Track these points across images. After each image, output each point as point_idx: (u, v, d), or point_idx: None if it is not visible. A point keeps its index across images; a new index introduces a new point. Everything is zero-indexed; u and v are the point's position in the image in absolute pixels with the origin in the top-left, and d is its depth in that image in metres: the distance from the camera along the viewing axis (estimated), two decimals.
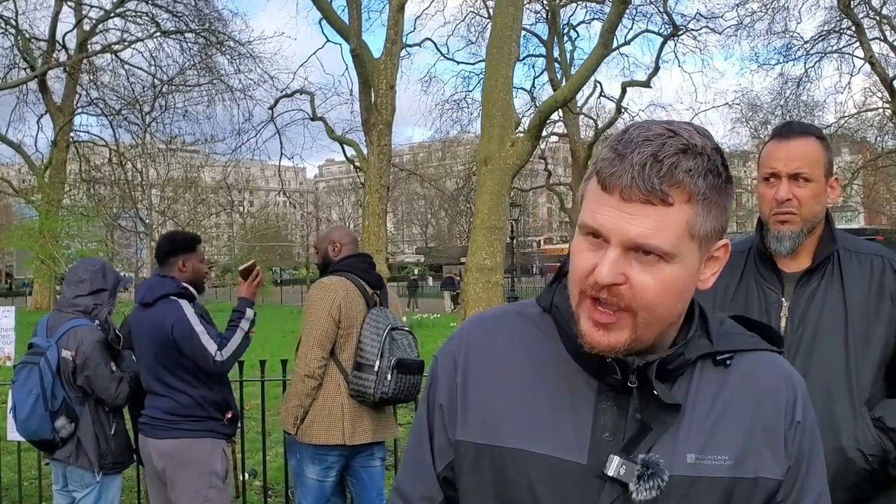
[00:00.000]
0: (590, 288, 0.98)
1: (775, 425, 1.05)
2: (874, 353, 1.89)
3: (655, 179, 0.94)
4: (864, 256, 1.97)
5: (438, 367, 1.14)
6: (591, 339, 0.99)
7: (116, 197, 31.20)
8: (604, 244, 0.97)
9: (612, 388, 1.03)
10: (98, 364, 3.58)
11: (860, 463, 1.84)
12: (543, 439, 1.02)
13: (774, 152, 1.96)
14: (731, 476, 1.01)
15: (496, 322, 1.14)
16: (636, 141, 0.96)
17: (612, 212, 0.95)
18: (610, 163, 0.97)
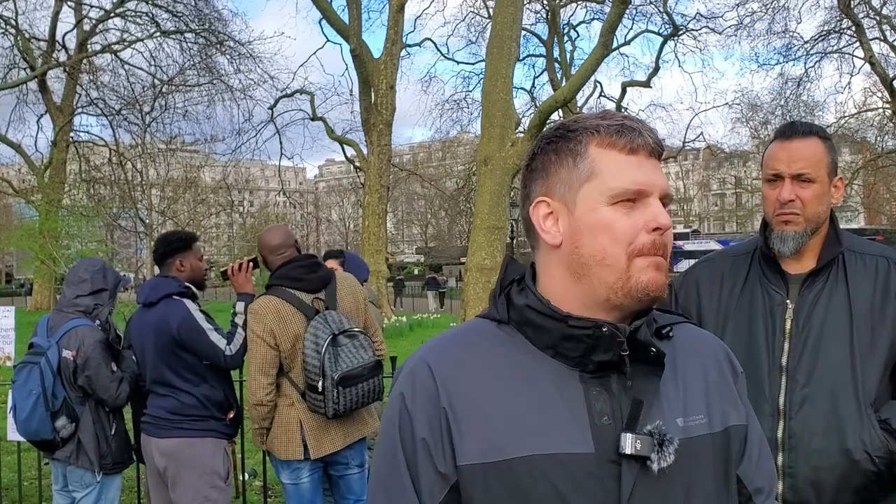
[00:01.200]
0: (653, 241, 1.06)
1: (725, 381, 1.19)
2: (880, 355, 1.88)
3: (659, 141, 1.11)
4: (870, 258, 1.97)
5: (407, 403, 1.10)
6: (658, 283, 1.07)
7: (116, 197, 31.19)
8: (643, 199, 1.07)
9: (594, 373, 1.07)
10: (99, 364, 3.58)
11: (866, 465, 1.83)
12: (547, 440, 1.03)
13: (777, 153, 1.95)
14: (710, 432, 1.12)
15: (458, 346, 1.14)
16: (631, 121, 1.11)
17: (648, 170, 1.08)
18: (623, 132, 1.08)
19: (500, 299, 1.15)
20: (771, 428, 1.88)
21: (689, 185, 67.91)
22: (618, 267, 1.06)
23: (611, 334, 1.06)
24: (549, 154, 1.12)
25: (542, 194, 1.12)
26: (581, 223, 1.08)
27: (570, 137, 1.11)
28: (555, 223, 1.11)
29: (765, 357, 1.93)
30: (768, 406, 1.90)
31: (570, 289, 1.10)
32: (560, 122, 1.16)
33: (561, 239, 1.10)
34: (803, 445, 1.86)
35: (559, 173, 1.11)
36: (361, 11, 20.51)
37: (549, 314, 1.08)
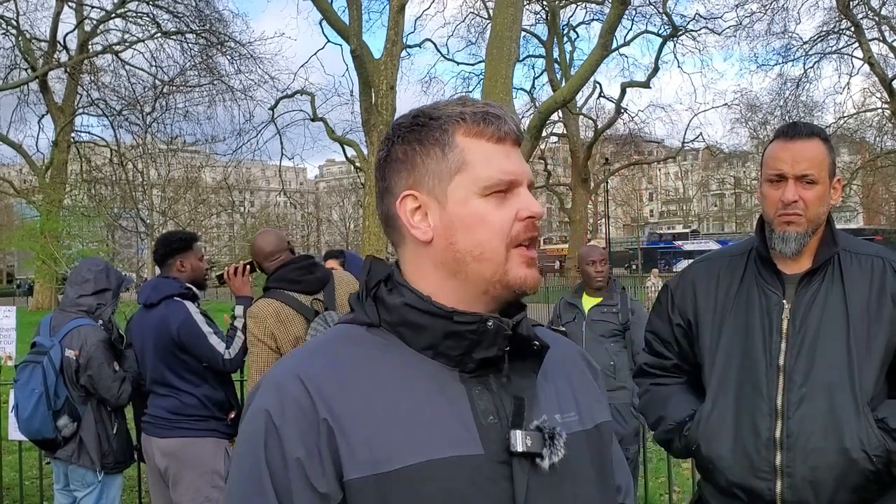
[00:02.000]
0: (526, 226, 1.06)
1: (588, 380, 1.19)
2: (876, 355, 1.89)
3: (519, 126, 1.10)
4: (865, 258, 1.97)
5: (275, 420, 0.98)
6: (534, 281, 1.06)
7: (117, 197, 31.16)
8: (514, 189, 1.06)
9: (474, 371, 1.03)
10: (101, 364, 3.60)
11: (864, 464, 1.84)
12: (438, 444, 0.98)
13: (780, 153, 1.94)
14: (583, 429, 1.11)
15: (329, 355, 1.05)
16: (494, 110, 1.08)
17: (515, 159, 1.07)
18: (490, 120, 1.06)
19: (367, 301, 1.08)
20: (769, 427, 1.89)
21: (689, 185, 67.89)
22: (496, 260, 1.04)
23: (496, 329, 1.02)
24: (411, 144, 1.06)
25: (408, 187, 1.06)
26: (454, 217, 1.04)
27: (435, 126, 1.05)
28: (424, 218, 1.05)
29: (762, 357, 1.93)
30: (766, 406, 1.90)
31: (444, 285, 1.05)
32: (417, 109, 1.09)
33: (432, 234, 1.05)
34: (801, 445, 1.86)
35: (426, 164, 1.05)
36: (362, 12, 20.51)
37: (432, 311, 1.03)
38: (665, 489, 5.27)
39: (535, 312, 21.33)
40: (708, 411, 1.99)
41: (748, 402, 1.93)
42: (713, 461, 1.96)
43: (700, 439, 1.98)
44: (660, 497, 5.38)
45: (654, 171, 69.54)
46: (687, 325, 2.09)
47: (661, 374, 2.17)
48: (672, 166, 64.18)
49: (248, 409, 1.04)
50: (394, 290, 1.07)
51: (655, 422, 2.14)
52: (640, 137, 40.76)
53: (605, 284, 4.47)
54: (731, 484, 1.93)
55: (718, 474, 1.95)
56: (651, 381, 2.19)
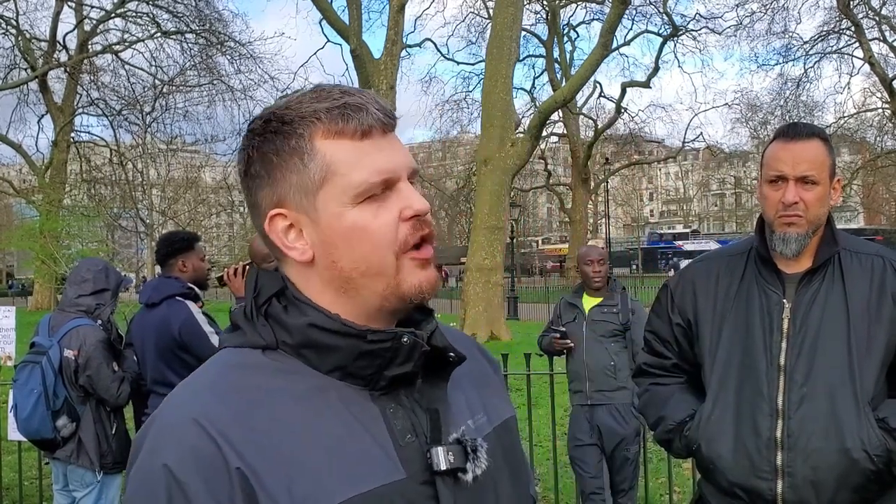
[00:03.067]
0: (413, 225, 0.95)
1: (489, 376, 1.14)
2: (877, 354, 1.89)
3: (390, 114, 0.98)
4: (865, 257, 1.97)
5: (177, 475, 0.85)
6: (430, 282, 0.97)
7: (117, 197, 31.18)
8: (392, 186, 0.95)
9: (384, 389, 0.95)
10: (100, 364, 3.60)
11: (865, 463, 1.84)
12: (360, 477, 0.90)
13: (780, 154, 1.94)
14: (492, 428, 1.06)
15: (227, 392, 0.92)
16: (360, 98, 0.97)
17: (388, 152, 0.96)
18: (349, 115, 0.95)
19: (259, 320, 0.96)
20: (770, 427, 1.89)
21: (689, 185, 67.89)
22: (386, 273, 0.94)
23: (412, 344, 0.94)
24: (267, 155, 0.95)
25: (274, 205, 0.96)
26: (330, 233, 0.94)
27: (289, 132, 0.94)
28: (299, 236, 0.96)
29: (762, 356, 1.93)
30: (767, 405, 1.90)
31: (337, 304, 0.96)
32: (269, 110, 0.97)
33: (312, 253, 0.95)
34: (802, 445, 1.86)
35: (288, 178, 0.94)
36: (361, 12, 20.53)
37: (343, 331, 0.93)
38: (665, 489, 5.27)
39: (536, 312, 21.26)
40: (708, 411, 1.99)
41: (749, 401, 1.93)
42: (714, 461, 1.96)
43: (700, 439, 1.98)
44: (660, 497, 5.38)
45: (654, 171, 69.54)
46: (687, 325, 2.09)
47: (661, 374, 2.17)
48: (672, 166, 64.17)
49: (138, 465, 0.89)
50: (291, 308, 0.95)
51: (655, 422, 2.13)
52: (641, 137, 40.78)
53: (603, 284, 4.46)
54: (731, 484, 1.93)
55: (719, 474, 1.95)
56: (651, 381, 2.19)
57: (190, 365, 3.52)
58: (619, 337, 4.35)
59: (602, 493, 4.34)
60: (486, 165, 16.42)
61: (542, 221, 79.16)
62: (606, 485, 4.39)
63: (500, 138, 16.41)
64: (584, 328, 4.37)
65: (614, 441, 4.30)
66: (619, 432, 4.29)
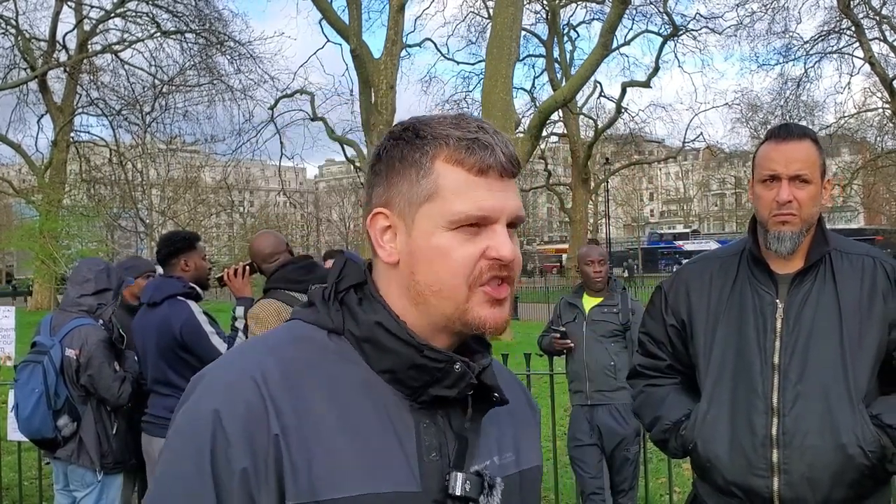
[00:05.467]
0: (490, 266, 0.98)
1: (525, 418, 1.16)
2: (868, 352, 1.92)
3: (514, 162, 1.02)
4: (856, 257, 2.00)
5: (224, 423, 0.92)
6: (496, 321, 1.00)
7: (117, 197, 31.22)
8: (488, 225, 0.99)
9: (425, 404, 0.99)
10: (102, 363, 3.60)
11: (860, 459, 1.87)
12: (378, 477, 0.94)
13: (772, 154, 1.97)
14: (518, 470, 1.08)
15: (288, 360, 0.98)
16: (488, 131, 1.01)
17: (496, 193, 0.99)
18: (474, 149, 0.99)
19: (334, 305, 1.03)
20: (765, 425, 1.91)
21: (689, 185, 67.92)
22: (456, 298, 0.98)
23: (462, 373, 0.99)
24: (393, 159, 1.01)
25: (381, 205, 1.02)
26: (417, 247, 0.99)
27: (418, 146, 1.00)
28: (392, 238, 1.01)
29: (756, 356, 1.95)
30: (762, 404, 1.92)
31: (408, 311, 1.01)
32: (412, 120, 1.04)
33: (398, 258, 1.01)
34: (797, 442, 1.88)
35: (400, 185, 1.00)
36: (361, 12, 20.53)
37: (404, 339, 0.98)
38: (665, 489, 5.28)
39: (536, 312, 21.28)
40: (704, 411, 2.01)
41: (744, 400, 1.95)
42: (710, 460, 1.98)
43: (696, 439, 2.00)
44: (660, 497, 5.39)
45: (654, 171, 69.58)
46: (681, 326, 2.11)
47: (656, 375, 2.19)
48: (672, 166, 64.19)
49: (189, 405, 0.96)
50: (365, 302, 1.02)
51: (651, 422, 2.15)
52: (641, 137, 40.77)
53: (604, 285, 4.47)
54: (728, 482, 1.95)
55: (716, 473, 1.97)
56: (645, 383, 2.21)
57: (191, 365, 3.53)
58: (619, 337, 4.35)
59: (602, 493, 4.35)
60: None
61: (542, 221, 79.19)
62: (606, 485, 4.39)
63: None
64: (585, 328, 4.38)
65: (614, 441, 4.30)
66: (619, 432, 4.29)
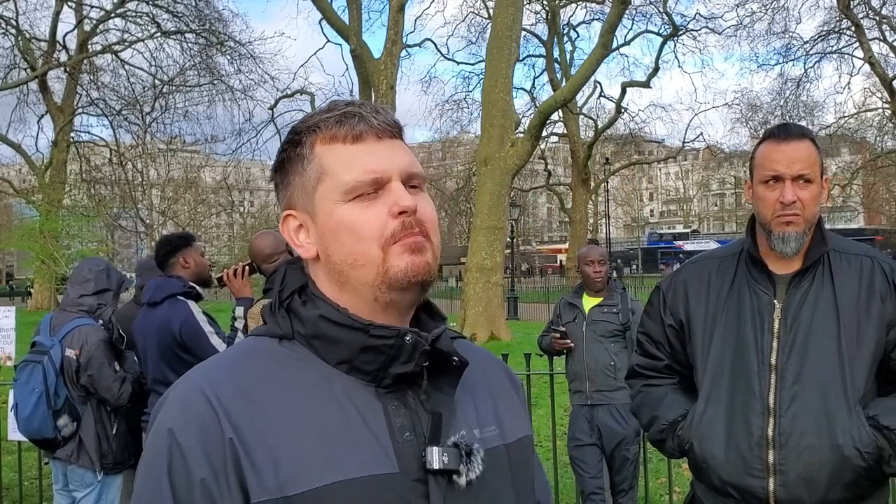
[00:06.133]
0: (402, 223, 0.99)
1: (508, 392, 1.16)
2: (866, 352, 1.91)
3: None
4: (854, 257, 2.00)
5: (179, 439, 0.94)
6: (417, 266, 1.00)
7: (117, 197, 31.23)
8: (383, 186, 1.00)
9: (390, 387, 1.00)
10: (102, 364, 3.61)
11: (857, 460, 1.86)
12: (349, 464, 0.95)
13: (774, 154, 1.96)
14: (504, 443, 1.08)
15: (237, 370, 1.00)
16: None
17: (379, 155, 1.02)
18: (343, 121, 1.03)
19: (280, 312, 1.05)
20: (761, 426, 1.91)
21: (689, 185, 67.91)
22: (372, 263, 1.00)
23: (414, 343, 0.99)
24: (283, 163, 1.06)
25: (286, 207, 1.06)
26: (325, 229, 1.02)
27: (297, 141, 1.04)
28: (306, 235, 1.04)
29: (754, 356, 1.95)
30: (758, 404, 1.92)
31: (339, 297, 1.02)
32: (293, 125, 1.08)
33: (315, 250, 1.03)
34: (794, 442, 1.88)
35: (294, 182, 1.04)
36: (361, 12, 20.55)
37: (347, 324, 1.00)
38: (665, 489, 5.28)
39: (536, 312, 21.26)
40: (701, 411, 2.00)
41: (741, 401, 1.95)
42: (706, 460, 1.97)
43: (693, 439, 2.00)
44: (660, 497, 5.39)
45: (654, 171, 69.56)
46: (679, 326, 2.11)
47: (654, 375, 2.19)
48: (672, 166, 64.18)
49: (153, 428, 0.99)
50: (308, 302, 1.03)
51: (648, 422, 2.15)
52: (641, 137, 40.78)
53: (604, 285, 4.47)
54: (724, 483, 1.95)
55: (712, 473, 1.97)
56: (643, 383, 2.21)
57: (190, 365, 3.51)
58: (619, 337, 4.35)
59: (602, 493, 4.35)
60: (486, 165, 16.42)
61: (542, 221, 79.17)
62: (606, 485, 4.39)
63: (500, 138, 16.41)
64: (585, 328, 4.38)
65: (614, 441, 4.30)
66: (619, 432, 4.29)
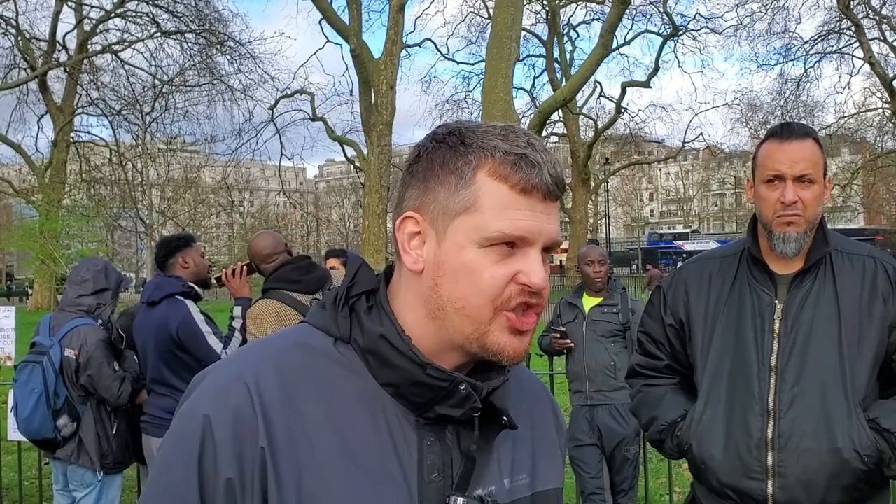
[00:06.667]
0: (521, 291, 0.93)
1: (550, 437, 1.10)
2: (868, 354, 1.89)
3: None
4: (856, 257, 1.98)
5: (214, 430, 0.89)
6: (516, 353, 0.95)
7: (117, 197, 31.22)
8: (523, 248, 0.94)
9: (431, 421, 0.95)
10: (101, 363, 3.60)
11: (856, 463, 1.84)
12: (373, 497, 0.91)
13: (776, 154, 1.94)
14: (531, 493, 1.02)
15: (285, 366, 0.94)
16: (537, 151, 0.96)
17: (537, 215, 0.94)
18: (521, 166, 0.94)
19: (342, 311, 0.98)
20: (761, 428, 1.89)
21: (689, 185, 67.91)
22: (479, 319, 0.93)
23: (467, 395, 0.94)
24: (433, 163, 0.96)
25: (413, 208, 0.96)
26: (446, 259, 0.94)
27: (461, 153, 0.94)
28: (420, 245, 0.96)
29: (754, 357, 1.93)
30: (758, 406, 1.90)
31: (423, 324, 0.96)
32: (457, 125, 0.98)
33: (423, 266, 0.95)
34: (793, 445, 1.86)
35: (437, 191, 0.95)
36: (361, 12, 20.54)
37: (407, 354, 0.94)
38: (665, 489, 5.27)
39: None
40: (700, 412, 1.99)
41: (740, 402, 1.93)
42: (705, 461, 1.96)
43: (692, 439, 1.99)
44: (660, 497, 5.38)
45: (654, 171, 69.59)
46: (679, 326, 2.09)
47: (654, 375, 2.17)
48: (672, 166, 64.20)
49: (185, 408, 0.94)
50: (374, 312, 0.97)
51: (648, 422, 2.14)
52: (641, 137, 40.76)
53: (604, 285, 4.46)
54: (723, 484, 1.94)
55: (710, 475, 1.96)
56: (643, 382, 2.19)
57: (188, 365, 3.53)
58: (619, 337, 4.35)
59: (602, 493, 4.35)
60: None
61: None
62: (606, 485, 4.39)
63: None
64: (585, 328, 4.38)
65: (614, 441, 4.30)
66: (619, 432, 4.29)
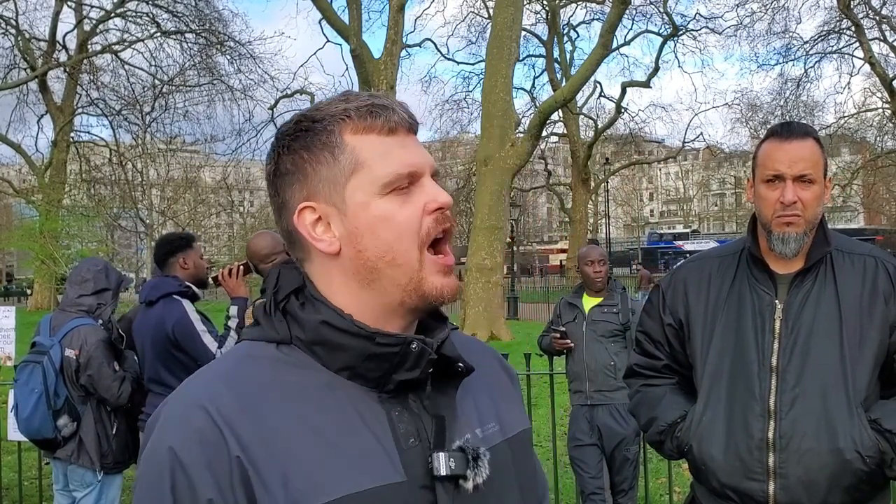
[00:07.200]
0: (436, 218, 0.98)
1: (505, 385, 1.15)
2: (869, 354, 1.88)
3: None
4: (857, 257, 1.97)
5: (181, 458, 0.89)
6: (452, 289, 1.00)
7: (116, 197, 31.21)
8: (416, 181, 0.99)
9: (393, 392, 0.97)
10: (101, 363, 3.60)
11: (857, 464, 1.83)
12: (358, 475, 0.92)
13: (776, 153, 1.93)
14: (504, 438, 1.06)
15: (236, 382, 0.95)
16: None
17: (412, 148, 1.01)
18: (377, 112, 1.00)
19: (276, 316, 1.00)
20: (761, 428, 1.88)
21: (689, 185, 67.88)
22: (410, 264, 0.97)
23: (420, 351, 0.96)
24: (298, 152, 0.99)
25: (303, 199, 0.99)
26: (358, 223, 0.97)
27: (319, 129, 0.98)
28: (327, 229, 0.98)
29: (754, 357, 1.92)
30: (758, 406, 1.89)
31: (357, 298, 0.98)
32: (299, 113, 1.02)
33: (339, 245, 0.98)
34: (794, 446, 1.85)
35: (318, 172, 0.98)
36: (361, 12, 20.54)
37: (353, 331, 0.96)
38: (665, 489, 5.27)
39: (536, 312, 21.27)
40: (700, 412, 1.98)
41: (740, 402, 1.92)
42: (705, 462, 1.95)
43: (692, 440, 1.98)
44: (660, 497, 5.38)
45: (654, 171, 69.53)
46: (678, 326, 2.08)
47: (652, 375, 2.16)
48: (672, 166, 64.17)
49: (147, 448, 0.93)
50: (307, 305, 0.98)
51: (647, 423, 2.12)
52: (641, 137, 40.78)
53: (604, 285, 4.46)
54: (723, 485, 1.93)
55: (711, 476, 1.95)
56: (642, 382, 2.18)
57: (185, 364, 3.52)
58: (619, 337, 4.35)
59: (602, 493, 4.35)
60: (486, 165, 16.42)
61: (542, 221, 79.15)
62: (606, 485, 4.39)
63: (500, 138, 16.42)
64: (585, 328, 4.38)
65: (614, 441, 4.30)
66: (619, 432, 4.29)
